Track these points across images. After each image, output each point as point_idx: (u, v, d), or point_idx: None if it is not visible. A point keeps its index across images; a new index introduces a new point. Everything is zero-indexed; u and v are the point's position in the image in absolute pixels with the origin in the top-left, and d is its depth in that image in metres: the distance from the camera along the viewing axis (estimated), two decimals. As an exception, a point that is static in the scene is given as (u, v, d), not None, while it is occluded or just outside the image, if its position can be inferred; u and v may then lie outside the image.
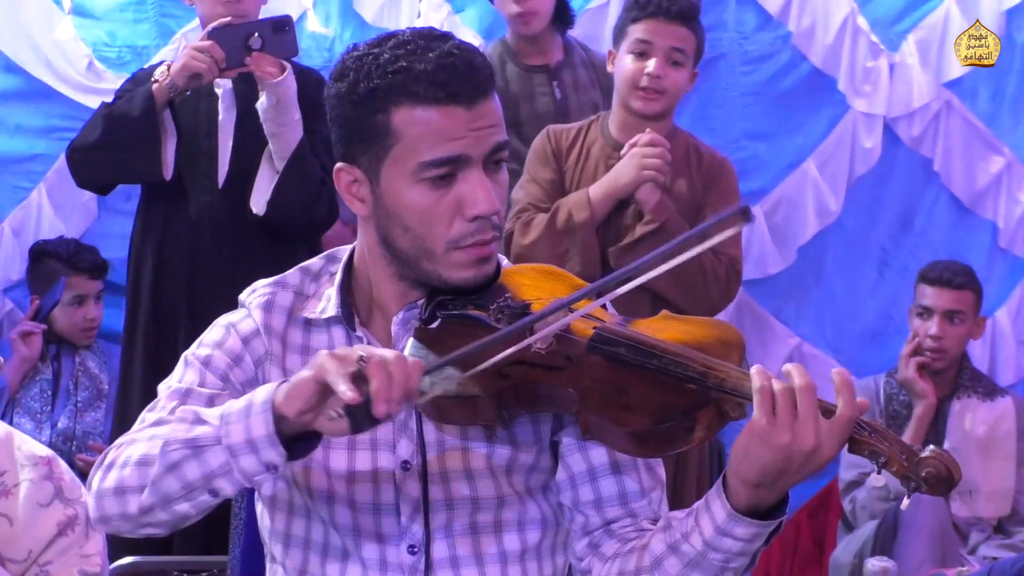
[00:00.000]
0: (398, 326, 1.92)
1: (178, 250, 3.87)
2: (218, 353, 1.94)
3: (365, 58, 1.84)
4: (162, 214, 3.89)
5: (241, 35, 3.66)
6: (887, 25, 4.63)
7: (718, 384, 1.73)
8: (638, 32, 3.51)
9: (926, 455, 1.68)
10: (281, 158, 3.73)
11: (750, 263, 4.70)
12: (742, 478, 1.73)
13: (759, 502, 1.75)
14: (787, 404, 1.68)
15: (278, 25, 3.70)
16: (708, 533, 1.78)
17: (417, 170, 1.82)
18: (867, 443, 1.70)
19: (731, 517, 1.75)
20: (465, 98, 1.81)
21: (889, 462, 1.69)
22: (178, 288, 3.86)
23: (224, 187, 3.83)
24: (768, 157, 4.72)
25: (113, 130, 3.77)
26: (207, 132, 3.85)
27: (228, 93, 3.87)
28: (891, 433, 1.71)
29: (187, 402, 1.87)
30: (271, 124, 3.70)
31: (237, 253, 3.82)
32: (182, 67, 3.67)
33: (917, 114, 4.62)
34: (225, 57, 3.65)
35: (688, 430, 1.76)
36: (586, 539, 1.94)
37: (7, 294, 4.88)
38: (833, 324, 4.71)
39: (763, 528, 1.76)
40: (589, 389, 1.78)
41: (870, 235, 4.68)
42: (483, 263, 1.87)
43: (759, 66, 4.69)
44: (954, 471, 1.68)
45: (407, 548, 1.91)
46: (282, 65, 3.67)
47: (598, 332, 1.82)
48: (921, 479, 1.68)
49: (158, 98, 3.73)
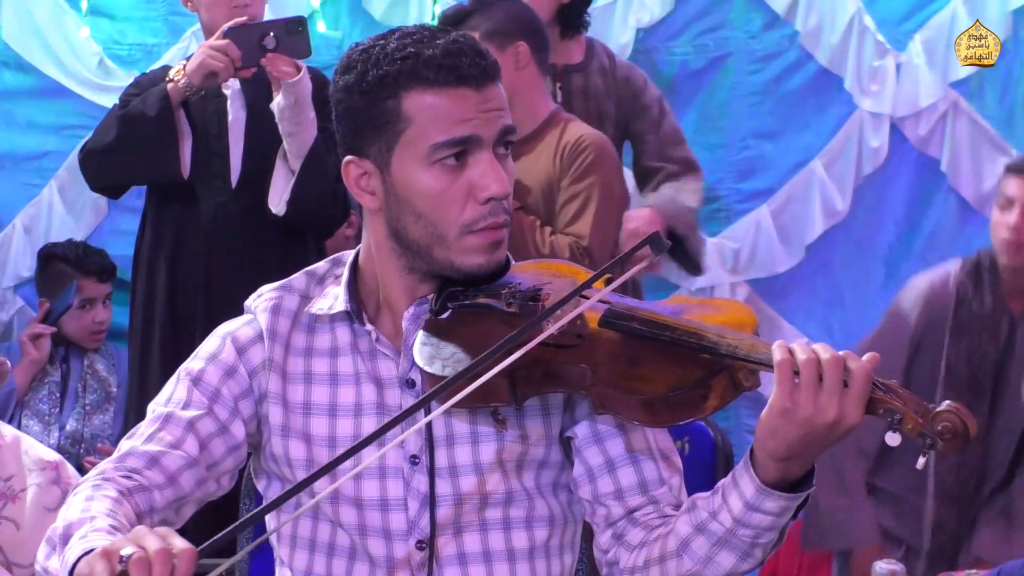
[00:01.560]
0: (409, 321, 1.92)
1: (192, 252, 3.87)
2: (211, 367, 1.94)
3: (372, 49, 1.86)
4: (174, 217, 3.90)
5: (256, 35, 3.68)
6: (894, 24, 4.62)
7: (731, 351, 1.72)
8: None
9: (941, 409, 1.66)
10: (297, 157, 3.75)
11: (757, 262, 4.72)
12: (769, 453, 1.73)
13: (787, 474, 1.75)
14: (811, 376, 1.68)
15: (292, 25, 3.71)
16: (737, 509, 1.78)
17: (429, 153, 1.83)
18: (883, 401, 1.69)
19: (760, 491, 1.75)
20: (474, 80, 1.84)
21: (904, 419, 1.67)
22: (195, 289, 3.86)
23: (237, 187, 3.85)
24: (775, 156, 4.71)
25: (129, 131, 3.78)
26: (217, 133, 3.86)
27: (237, 94, 3.88)
28: (905, 390, 1.71)
29: (166, 427, 1.89)
30: (288, 124, 3.71)
31: (252, 252, 3.83)
32: (199, 66, 3.69)
33: (924, 114, 4.61)
34: (241, 56, 3.67)
35: (702, 398, 1.76)
36: (610, 530, 1.93)
37: (18, 291, 4.91)
38: (841, 324, 4.71)
39: (792, 501, 1.76)
40: (601, 363, 1.78)
41: (877, 235, 4.68)
42: (495, 248, 1.89)
43: (766, 65, 4.69)
44: (970, 425, 1.66)
45: (415, 544, 1.91)
46: (297, 65, 3.69)
47: (611, 308, 1.82)
48: (936, 434, 1.66)
49: (173, 97, 3.75)
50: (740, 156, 4.73)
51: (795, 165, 4.70)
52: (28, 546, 2.34)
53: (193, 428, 1.89)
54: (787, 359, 1.68)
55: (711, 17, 4.70)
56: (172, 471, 1.86)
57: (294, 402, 1.94)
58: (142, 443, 1.88)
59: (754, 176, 4.73)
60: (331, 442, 1.91)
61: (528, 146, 3.60)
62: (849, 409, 1.68)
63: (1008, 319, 3.62)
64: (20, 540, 2.36)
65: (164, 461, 1.86)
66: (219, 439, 1.91)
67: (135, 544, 1.54)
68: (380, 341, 1.93)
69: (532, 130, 3.61)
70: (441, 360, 1.83)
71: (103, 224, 4.91)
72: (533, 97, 3.63)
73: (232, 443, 1.93)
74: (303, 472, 1.92)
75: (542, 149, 3.60)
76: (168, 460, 1.87)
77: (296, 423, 1.93)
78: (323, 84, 3.79)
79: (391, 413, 1.90)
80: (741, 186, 4.73)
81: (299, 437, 1.93)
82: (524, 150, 3.59)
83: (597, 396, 1.80)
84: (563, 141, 3.57)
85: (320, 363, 1.95)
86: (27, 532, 2.36)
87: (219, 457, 1.92)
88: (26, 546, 2.35)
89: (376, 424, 1.89)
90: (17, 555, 2.35)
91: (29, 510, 2.37)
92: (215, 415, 1.92)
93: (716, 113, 4.71)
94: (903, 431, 1.68)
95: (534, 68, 3.62)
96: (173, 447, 1.88)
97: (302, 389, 1.94)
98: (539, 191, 3.59)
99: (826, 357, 1.69)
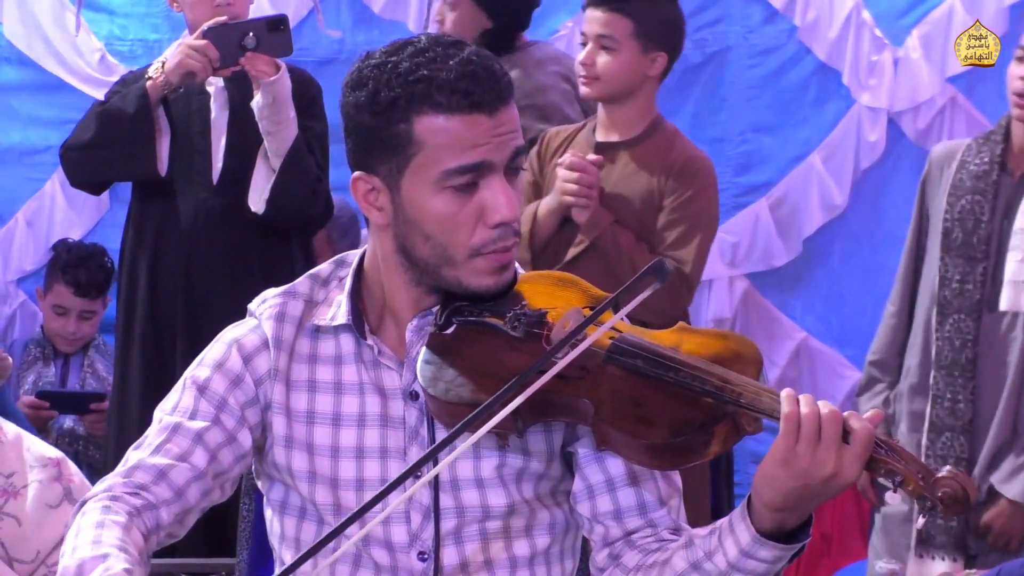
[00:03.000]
0: (412, 333, 1.91)
1: (173, 249, 3.86)
2: (217, 376, 1.93)
3: (384, 67, 1.83)
4: (155, 214, 3.89)
5: (236, 34, 3.66)
6: (892, 19, 4.64)
7: (735, 399, 1.73)
8: (581, 23, 3.62)
9: (942, 475, 1.67)
10: (276, 156, 3.74)
11: (756, 256, 4.74)
12: (765, 503, 1.75)
13: (783, 525, 1.76)
14: (811, 429, 1.70)
15: (273, 24, 3.69)
16: (732, 554, 1.79)
17: (441, 178, 1.82)
18: (884, 462, 1.70)
19: (755, 540, 1.77)
20: (488, 106, 1.81)
21: (905, 481, 1.68)
22: (175, 287, 3.84)
23: (218, 185, 3.84)
24: (773, 150, 4.73)
25: (108, 127, 3.78)
26: (200, 130, 3.85)
27: (220, 91, 3.87)
28: (907, 451, 1.71)
29: (173, 438, 1.88)
30: (267, 122, 3.70)
31: (232, 250, 3.82)
32: (177, 64, 3.69)
33: (922, 108, 4.63)
34: (220, 56, 3.66)
35: (704, 444, 1.76)
36: (606, 550, 1.93)
37: (20, 285, 4.93)
38: (839, 319, 4.73)
39: (787, 551, 1.78)
40: (605, 400, 1.78)
41: (875, 229, 4.70)
42: (503, 270, 1.88)
43: (764, 60, 4.71)
44: (970, 491, 1.67)
45: (417, 555, 1.91)
46: (276, 64, 3.67)
47: (615, 343, 1.81)
48: (937, 499, 1.67)
49: (152, 95, 3.74)
50: (738, 150, 4.75)
51: (793, 159, 4.72)
52: (29, 542, 2.34)
53: (201, 440, 1.89)
54: (794, 411, 1.70)
55: (710, 12, 4.71)
56: (180, 485, 1.86)
57: (297, 411, 1.93)
58: (149, 455, 1.87)
59: (752, 170, 4.75)
60: (334, 452, 1.92)
61: (632, 151, 3.59)
62: (847, 465, 1.70)
63: (1010, 181, 3.57)
64: (21, 536, 2.34)
65: (172, 475, 1.86)
66: (227, 449, 1.91)
67: None
68: (383, 353, 1.93)
69: (635, 135, 3.61)
70: (444, 382, 1.83)
71: (105, 218, 4.93)
72: (647, 103, 3.63)
73: (239, 452, 1.92)
74: (305, 483, 1.92)
75: (646, 158, 3.58)
76: (176, 474, 1.86)
77: (299, 433, 1.93)
78: (307, 83, 3.82)
79: (395, 425, 1.91)
80: (739, 180, 4.75)
81: (302, 448, 1.93)
82: (626, 154, 3.59)
83: (599, 434, 1.80)
84: (673, 157, 3.55)
85: (324, 371, 1.94)
86: (28, 528, 2.34)
87: (227, 467, 1.91)
88: (27, 542, 2.34)
89: (379, 436, 1.91)
90: (18, 551, 2.33)
91: (30, 506, 2.35)
92: (222, 425, 1.91)
93: (714, 107, 4.74)
94: (905, 491, 1.69)
95: (658, 80, 3.64)
96: (180, 459, 1.87)
97: (306, 397, 1.94)
98: (638, 201, 3.56)
99: (825, 412, 1.70)
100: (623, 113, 3.60)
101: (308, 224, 3.92)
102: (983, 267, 3.56)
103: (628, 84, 3.56)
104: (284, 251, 3.84)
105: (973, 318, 3.57)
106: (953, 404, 3.55)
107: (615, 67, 3.54)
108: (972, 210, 3.57)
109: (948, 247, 3.58)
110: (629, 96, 3.59)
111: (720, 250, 4.70)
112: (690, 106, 4.70)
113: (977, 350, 3.56)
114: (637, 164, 3.58)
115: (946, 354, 3.59)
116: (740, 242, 4.74)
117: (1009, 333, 3.53)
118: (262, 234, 3.84)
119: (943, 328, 3.60)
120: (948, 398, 3.58)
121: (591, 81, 3.56)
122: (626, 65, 3.54)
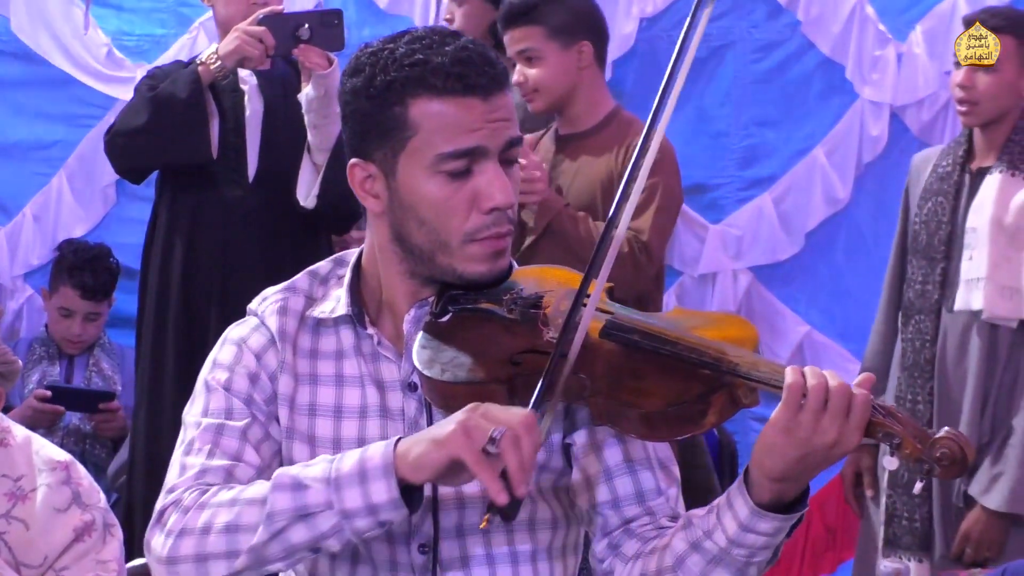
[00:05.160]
0: (410, 324, 1.93)
1: (209, 244, 3.90)
2: (237, 376, 1.94)
3: (380, 52, 1.85)
4: (189, 209, 3.92)
5: (291, 24, 3.71)
6: (895, 14, 4.64)
7: (731, 368, 1.74)
8: None
9: (940, 435, 1.68)
10: (321, 150, 3.78)
11: (759, 249, 4.75)
12: (765, 473, 1.75)
13: (782, 496, 1.77)
14: (818, 401, 1.71)
15: (327, 18, 3.75)
16: (731, 530, 1.79)
17: (435, 162, 1.83)
18: (882, 424, 1.71)
19: (754, 513, 1.77)
20: (482, 90, 1.82)
21: (903, 444, 1.69)
22: (211, 282, 3.89)
23: (254, 182, 3.88)
24: (777, 144, 4.74)
25: (161, 112, 3.80)
26: (234, 127, 3.89)
27: (254, 89, 3.91)
28: (904, 415, 1.73)
29: (220, 441, 1.88)
30: (315, 115, 3.74)
31: (268, 246, 3.86)
32: (233, 50, 3.73)
33: (925, 103, 4.64)
34: (275, 44, 3.70)
35: (700, 413, 1.77)
36: (605, 540, 1.93)
37: (27, 280, 4.95)
38: (843, 312, 4.73)
39: (786, 522, 1.78)
40: (601, 374, 1.79)
41: (878, 223, 4.70)
42: (498, 257, 1.89)
43: (768, 54, 4.72)
44: (968, 452, 1.68)
45: (417, 547, 1.91)
46: (330, 57, 3.72)
47: (612, 319, 1.83)
48: (934, 460, 1.68)
49: (204, 79, 3.79)
50: (742, 144, 4.76)
51: (797, 153, 4.73)
52: (37, 546, 2.32)
53: (246, 437, 1.90)
54: (798, 382, 1.71)
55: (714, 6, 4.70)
56: (244, 483, 1.86)
57: (300, 403, 1.95)
58: (207, 458, 1.87)
59: (756, 164, 4.76)
60: (335, 444, 1.92)
61: (588, 142, 3.64)
62: (848, 434, 1.71)
63: (968, 181, 3.60)
64: (29, 540, 2.32)
65: (236, 474, 1.87)
66: (266, 444, 1.92)
67: None
68: (382, 344, 1.94)
69: (592, 126, 3.65)
70: (440, 364, 1.83)
71: (112, 212, 4.95)
72: (594, 94, 3.68)
73: (276, 447, 1.94)
74: None
75: (603, 146, 3.62)
76: (239, 472, 1.87)
77: (300, 425, 1.94)
78: None
79: (393, 417, 1.92)
80: (743, 174, 4.77)
81: (303, 440, 1.94)
82: (584, 146, 3.64)
83: (595, 408, 1.81)
84: (629, 139, 3.57)
85: (326, 365, 1.96)
86: (36, 532, 2.32)
87: (268, 460, 1.92)
88: (35, 546, 2.32)
89: (380, 427, 1.92)
90: (26, 555, 2.32)
91: (39, 510, 2.33)
92: (258, 420, 1.92)
93: (718, 101, 4.74)
94: (901, 455, 1.71)
95: (595, 67, 3.67)
96: (236, 458, 1.88)
97: (308, 390, 1.95)
98: (599, 187, 3.59)
99: (834, 384, 1.72)
100: (575, 108, 3.66)
101: (354, 218, 3.96)
102: (941, 267, 3.57)
103: (566, 83, 3.63)
104: (315, 248, 3.87)
105: (932, 319, 3.57)
106: (914, 406, 3.55)
107: (546, 74, 3.60)
108: (935, 211, 3.59)
109: (915, 249, 3.61)
110: (574, 92, 3.64)
111: (724, 243, 4.72)
112: (694, 100, 4.70)
113: (935, 350, 3.57)
114: (595, 153, 3.63)
115: (908, 355, 3.60)
116: (744, 236, 4.75)
117: (966, 333, 3.53)
118: (297, 230, 3.89)
119: (907, 329, 3.62)
120: (909, 399, 3.58)
121: (532, 96, 3.62)
122: (555, 67, 3.60)
